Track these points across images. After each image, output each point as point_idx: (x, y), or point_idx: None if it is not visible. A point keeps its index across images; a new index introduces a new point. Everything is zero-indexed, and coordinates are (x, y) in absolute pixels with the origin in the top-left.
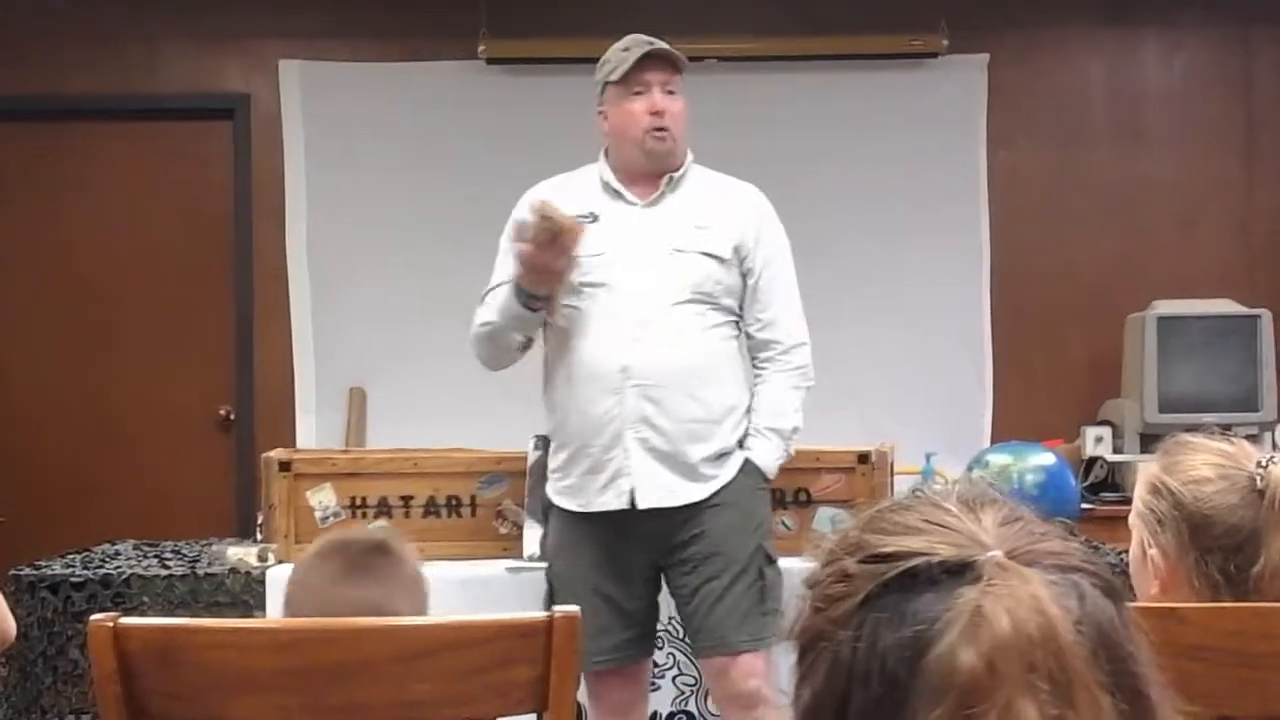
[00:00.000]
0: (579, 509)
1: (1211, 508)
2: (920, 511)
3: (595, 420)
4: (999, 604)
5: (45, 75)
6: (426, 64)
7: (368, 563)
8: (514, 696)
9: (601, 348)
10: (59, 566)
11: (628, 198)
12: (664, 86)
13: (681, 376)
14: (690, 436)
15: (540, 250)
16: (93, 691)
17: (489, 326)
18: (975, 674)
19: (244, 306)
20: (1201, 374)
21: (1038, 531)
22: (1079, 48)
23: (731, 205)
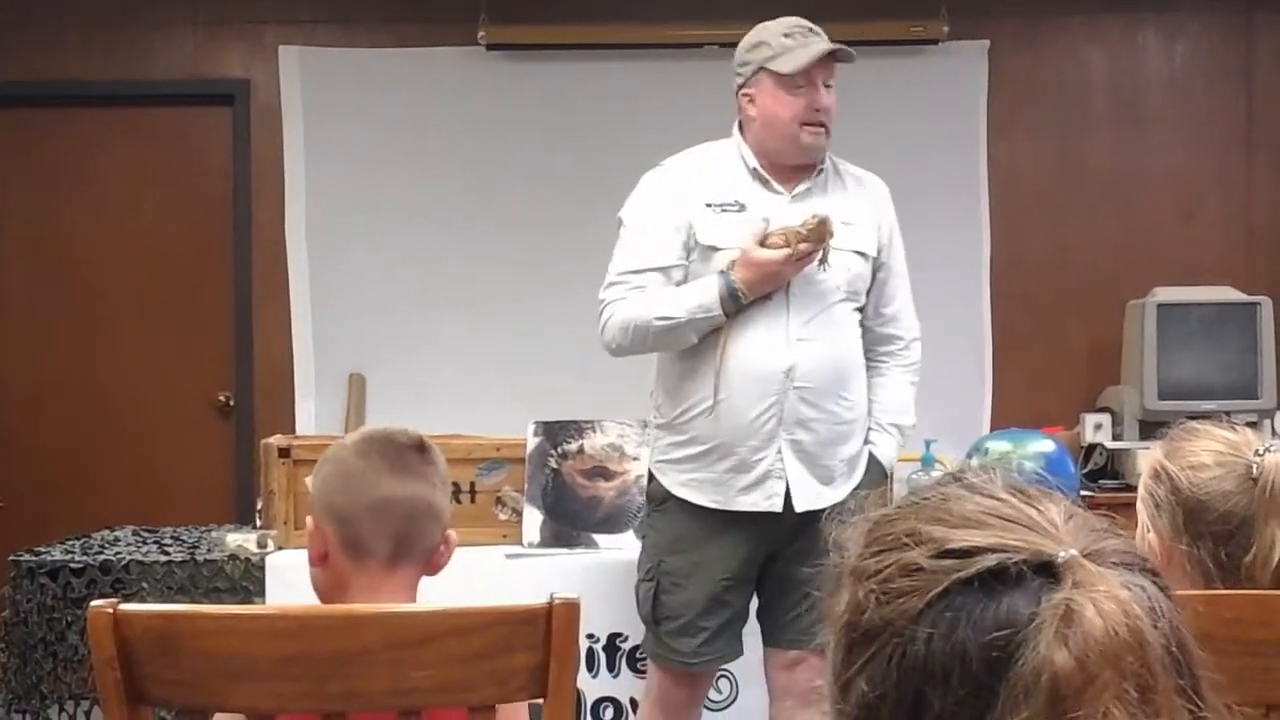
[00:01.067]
0: (715, 505)
1: (1206, 494)
2: (976, 501)
3: (749, 421)
4: (1088, 605)
5: (44, 61)
6: (427, 50)
7: (413, 459)
8: (513, 683)
9: (762, 349)
10: (58, 552)
11: (774, 187)
12: (827, 80)
13: (836, 378)
14: (836, 439)
15: (791, 262)
16: (92, 677)
17: (669, 322)
18: (1069, 676)
19: (243, 293)
20: (1201, 361)
21: (1098, 527)
22: (1080, 34)
23: (869, 200)
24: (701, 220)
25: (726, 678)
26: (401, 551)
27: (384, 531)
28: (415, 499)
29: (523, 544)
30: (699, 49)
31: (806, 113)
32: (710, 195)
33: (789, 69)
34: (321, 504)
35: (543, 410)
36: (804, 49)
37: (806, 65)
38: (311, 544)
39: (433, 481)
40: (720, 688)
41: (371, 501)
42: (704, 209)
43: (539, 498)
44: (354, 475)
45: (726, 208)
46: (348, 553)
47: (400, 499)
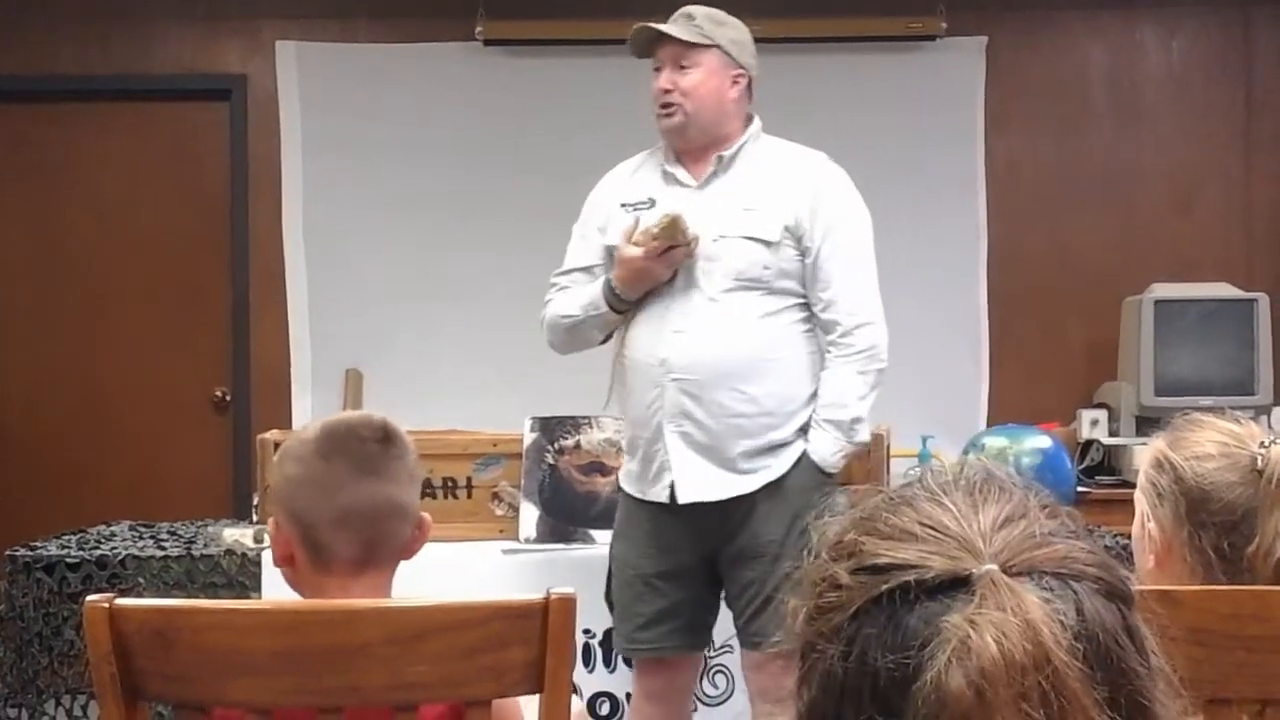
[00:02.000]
0: (638, 495)
1: (1210, 484)
2: (918, 510)
3: (641, 412)
4: (988, 628)
5: (41, 55)
6: (424, 45)
7: (378, 456)
8: (510, 678)
9: (645, 341)
10: (54, 547)
11: (682, 180)
12: (676, 63)
13: (722, 371)
14: (733, 431)
15: (650, 259)
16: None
17: (570, 320)
18: (963, 702)
19: (240, 288)
20: (1198, 357)
21: (1039, 532)
22: (1078, 30)
23: (786, 181)
24: (613, 220)
25: (723, 673)
26: (369, 555)
27: (350, 539)
28: (381, 503)
29: (519, 539)
30: None
31: (657, 93)
32: (627, 196)
33: (633, 53)
34: (283, 506)
35: (539, 406)
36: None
37: (635, 49)
38: (275, 545)
39: (399, 479)
40: (716, 683)
41: (336, 510)
42: (618, 210)
43: (535, 493)
44: (316, 481)
45: (639, 206)
46: (311, 557)
47: (366, 505)
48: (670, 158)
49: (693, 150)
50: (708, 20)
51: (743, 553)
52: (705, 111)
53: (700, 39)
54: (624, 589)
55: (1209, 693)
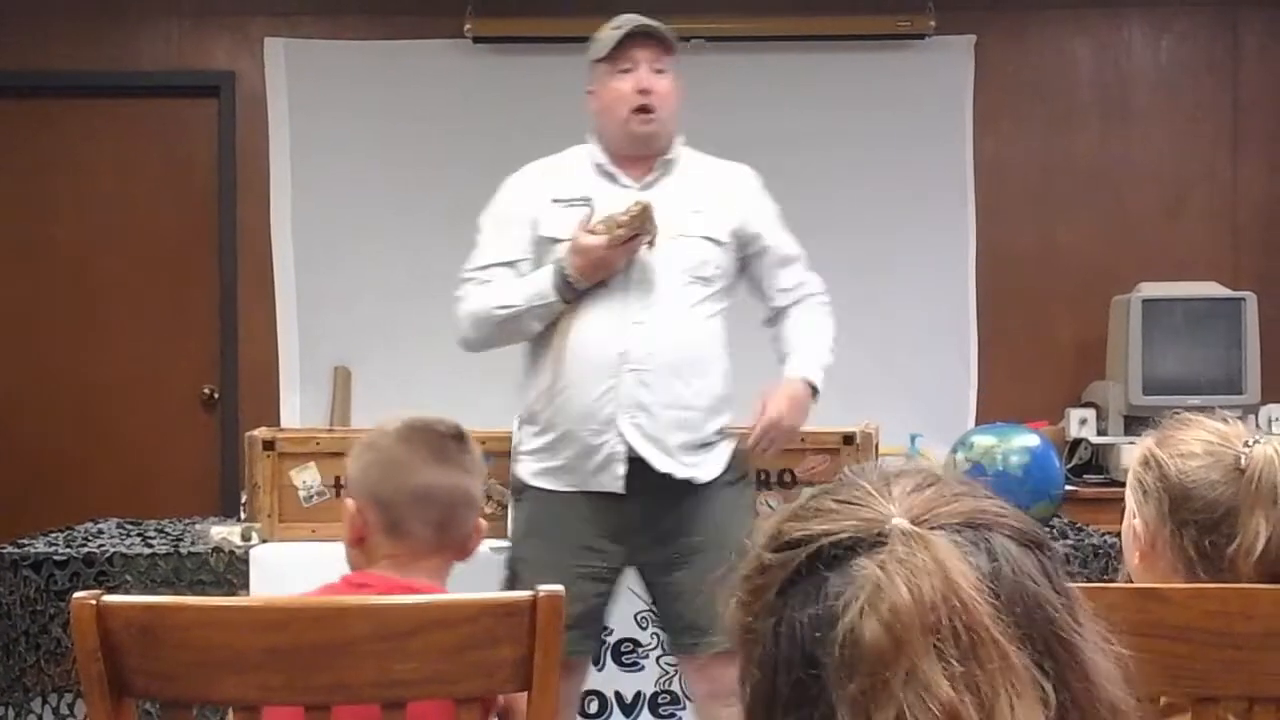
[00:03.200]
0: (568, 489)
1: (1192, 482)
2: (837, 493)
3: (589, 404)
4: (896, 571)
5: (28, 51)
6: (413, 42)
7: (453, 448)
8: (498, 675)
9: (600, 332)
10: (42, 544)
11: (621, 180)
12: (652, 65)
13: (677, 362)
14: (678, 424)
15: (612, 247)
16: (75, 670)
17: (509, 311)
18: (878, 644)
19: (228, 285)
20: (1186, 356)
21: (949, 493)
22: (1066, 29)
23: (726, 187)
24: (546, 215)
25: None
26: (441, 537)
27: (426, 518)
28: (456, 488)
29: (508, 537)
30: (685, 43)
31: (633, 95)
32: (559, 191)
33: (608, 49)
34: (364, 489)
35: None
36: (619, 32)
37: (619, 40)
38: (351, 526)
39: (471, 471)
40: None
41: (415, 489)
42: (550, 204)
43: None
44: (398, 463)
45: (574, 202)
46: (390, 535)
47: (442, 487)
48: (605, 158)
49: (636, 156)
50: (664, 29)
51: (675, 554)
52: (671, 119)
53: (675, 45)
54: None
55: (1196, 690)
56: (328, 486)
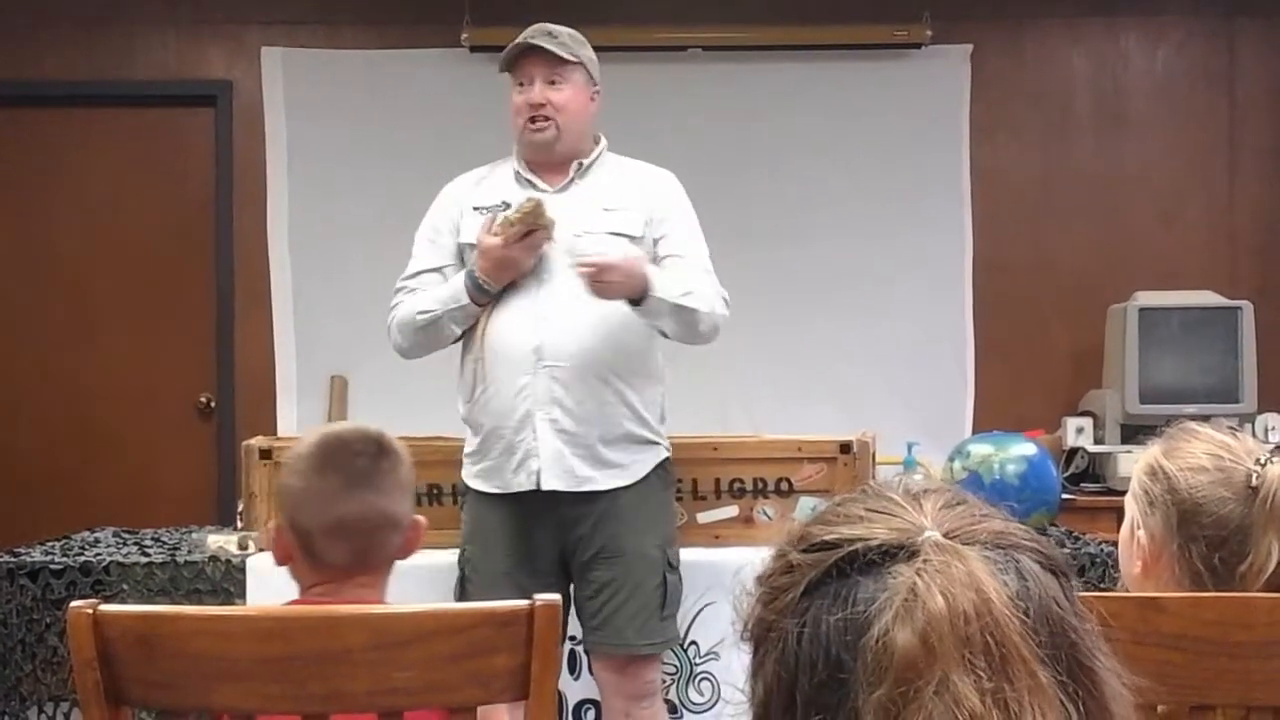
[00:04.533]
0: (495, 490)
1: (1203, 497)
2: (865, 501)
3: (508, 401)
4: (933, 581)
5: (24, 60)
6: (410, 52)
7: (368, 471)
8: (495, 685)
9: (514, 330)
10: (38, 554)
11: (539, 185)
12: (546, 78)
13: (592, 359)
14: (598, 420)
15: (511, 246)
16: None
17: (427, 316)
18: (911, 652)
19: (225, 294)
20: (1183, 365)
21: (979, 513)
22: (1063, 39)
23: (641, 186)
24: (467, 221)
25: (708, 680)
26: (360, 561)
27: (342, 548)
28: (371, 515)
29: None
30: (682, 51)
31: (524, 108)
32: (480, 199)
33: (501, 68)
34: (283, 513)
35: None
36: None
37: (506, 61)
38: (275, 546)
39: (389, 491)
40: (702, 690)
41: (328, 522)
42: (471, 212)
43: None
44: (311, 494)
45: (493, 208)
46: (307, 560)
47: (355, 517)
48: (522, 166)
49: (551, 162)
50: (570, 39)
51: (599, 553)
52: (574, 126)
53: (570, 56)
54: (487, 593)
55: (1193, 699)
56: None
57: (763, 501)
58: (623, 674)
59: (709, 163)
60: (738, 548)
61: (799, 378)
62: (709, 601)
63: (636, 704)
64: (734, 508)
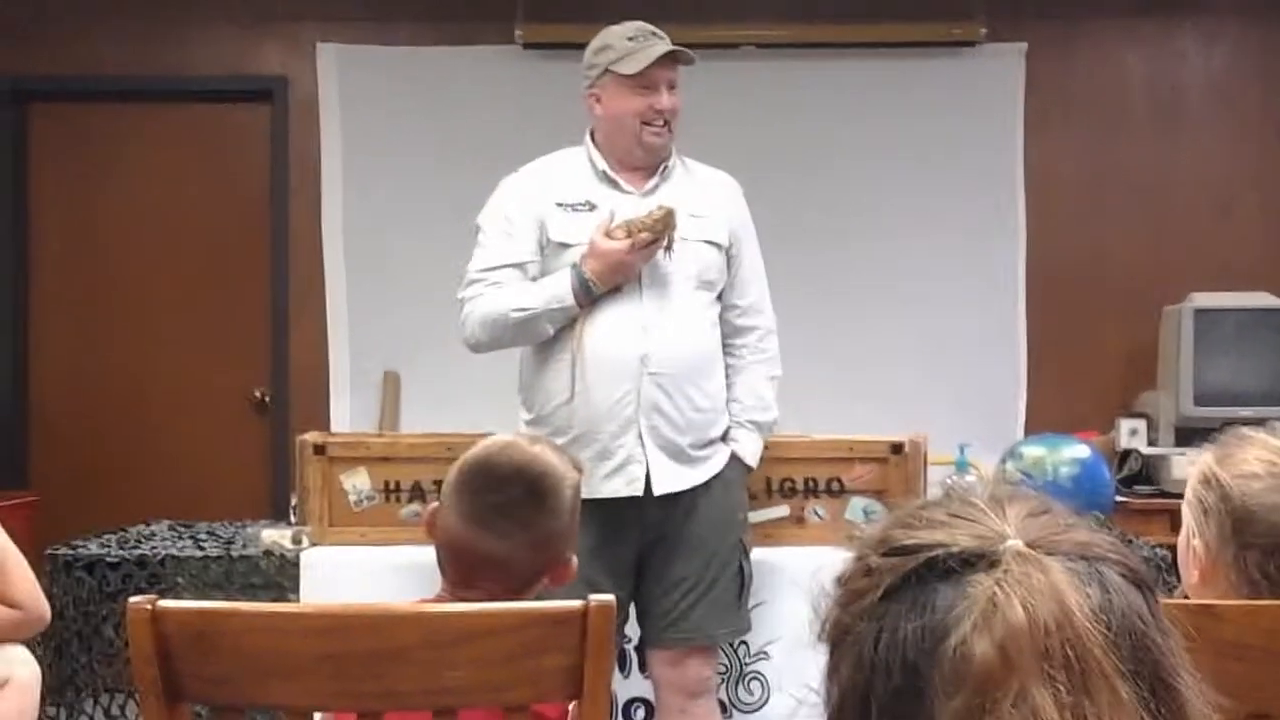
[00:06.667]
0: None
1: (1257, 504)
2: (948, 506)
3: (609, 407)
4: (1013, 592)
5: (83, 56)
6: (464, 48)
7: (500, 513)
8: (548, 684)
9: (619, 336)
10: (95, 546)
11: (623, 186)
12: (671, 83)
13: (692, 366)
14: (690, 426)
15: (634, 252)
16: (127, 670)
17: (526, 314)
18: (989, 662)
19: (279, 289)
20: (1237, 367)
21: (1064, 523)
22: (1117, 37)
23: (719, 194)
24: (553, 219)
25: (758, 679)
26: (466, 585)
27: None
28: (480, 552)
29: None
30: (735, 49)
31: (648, 113)
32: (561, 196)
33: (631, 70)
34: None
35: None
36: (645, 51)
37: (646, 66)
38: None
39: (513, 537)
40: (752, 690)
41: (447, 538)
42: (555, 208)
43: None
44: (447, 505)
45: (577, 207)
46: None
47: (465, 547)
48: (607, 164)
49: (644, 163)
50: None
51: (676, 549)
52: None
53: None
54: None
55: (1249, 707)
56: (377, 491)
57: (814, 501)
58: (684, 669)
59: (761, 160)
60: (789, 548)
61: (850, 377)
62: (760, 601)
63: (693, 701)
64: (785, 507)
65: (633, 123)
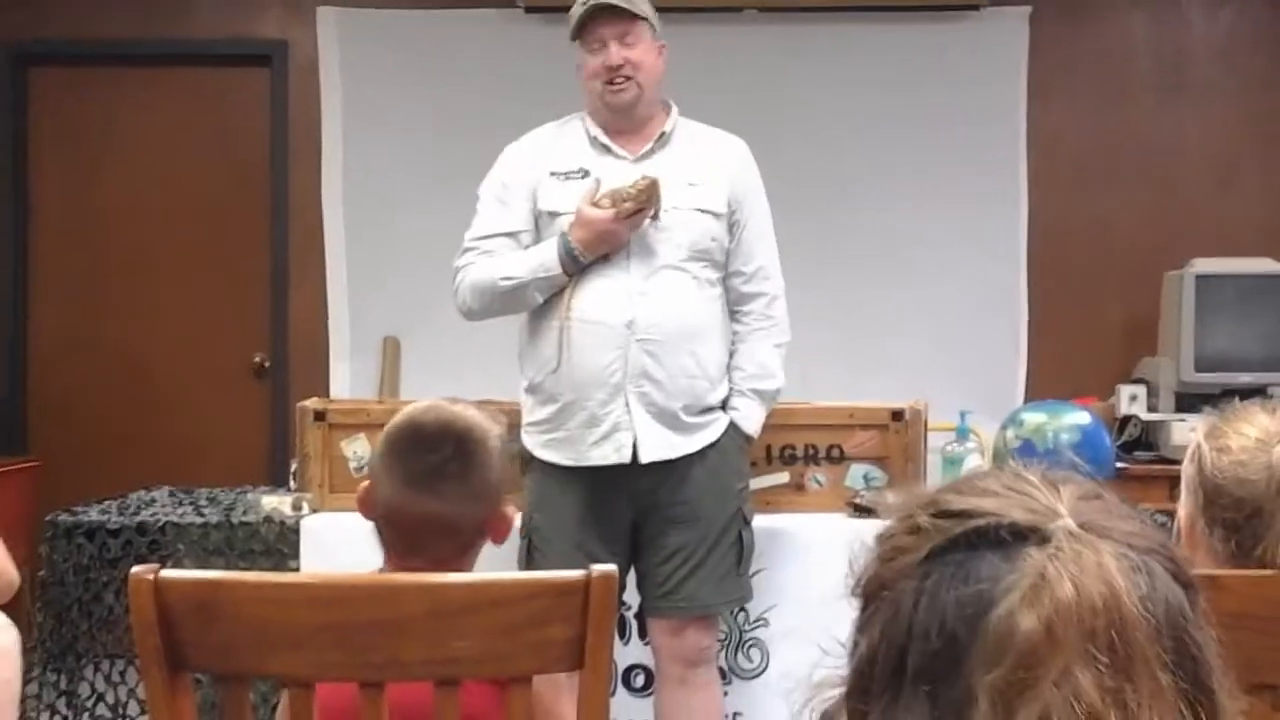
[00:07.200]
0: (569, 463)
1: (1225, 479)
2: (1001, 479)
3: (596, 373)
4: (1064, 569)
5: (83, 20)
6: (465, 12)
7: (435, 474)
8: (551, 654)
9: (606, 303)
10: (95, 513)
11: (617, 152)
12: (621, 39)
13: (681, 333)
14: (685, 392)
15: (619, 221)
16: (128, 637)
17: (513, 282)
18: (1034, 637)
19: (279, 254)
20: (1238, 333)
21: (1116, 511)
22: (1122, 2)
23: (721, 159)
24: (545, 188)
25: (757, 647)
26: (413, 552)
27: (395, 536)
28: (424, 517)
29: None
30: (738, 12)
31: (602, 72)
32: (556, 164)
33: (573, 34)
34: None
35: None
36: (578, 11)
37: (577, 25)
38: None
39: (451, 497)
40: (751, 656)
41: (388, 509)
42: (549, 177)
43: None
44: (380, 476)
45: (571, 175)
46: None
47: (407, 516)
48: (599, 130)
49: (629, 127)
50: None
51: (672, 518)
52: (650, 82)
53: (640, 12)
54: (558, 564)
55: (1251, 678)
56: None
57: (814, 468)
58: (683, 638)
59: (762, 126)
60: (789, 514)
61: (851, 345)
62: (759, 568)
63: (692, 670)
64: (785, 474)
65: (594, 84)
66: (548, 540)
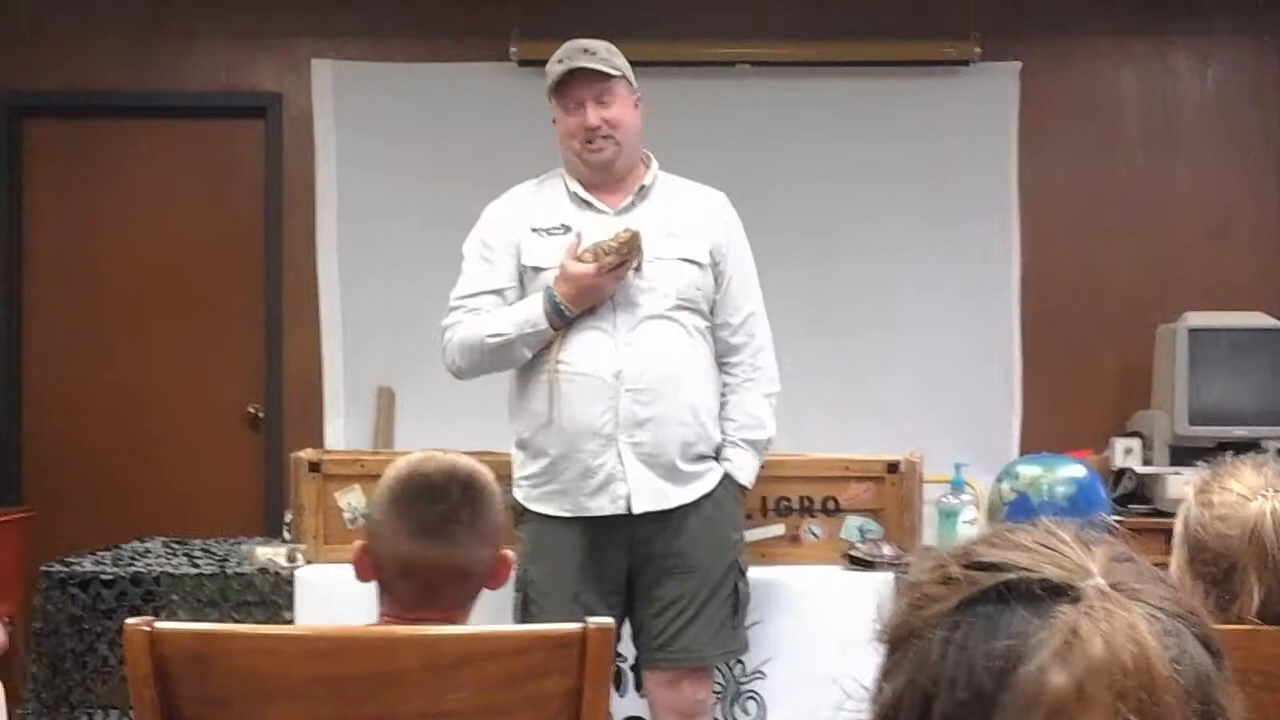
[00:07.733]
0: (567, 513)
1: (1205, 534)
2: (1034, 534)
3: (587, 425)
4: (1096, 627)
5: (77, 71)
6: (459, 65)
7: (446, 521)
8: (548, 708)
9: (594, 355)
10: (89, 563)
11: (597, 207)
12: (598, 99)
13: (669, 380)
14: (675, 441)
15: (602, 274)
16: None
17: (501, 339)
18: (1063, 695)
19: (274, 305)
20: (1232, 387)
21: (1147, 575)
22: (1112, 56)
23: (702, 209)
24: (527, 243)
25: (754, 699)
26: (426, 603)
27: (409, 587)
28: (439, 565)
29: None
30: (730, 67)
31: (580, 131)
32: (537, 220)
33: (552, 93)
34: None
35: None
36: (557, 71)
37: (555, 84)
38: (358, 565)
39: (464, 542)
40: (748, 709)
41: (398, 562)
42: (530, 233)
43: None
44: (386, 530)
45: (552, 231)
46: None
47: (423, 564)
48: (579, 186)
49: (608, 182)
50: (607, 52)
51: (668, 569)
52: (629, 139)
53: (613, 70)
54: (555, 616)
55: None
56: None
57: (809, 520)
58: (679, 690)
59: (756, 178)
60: (784, 565)
61: (844, 395)
62: (755, 620)
63: (686, 718)
64: (780, 526)
65: (573, 143)
66: (544, 593)
